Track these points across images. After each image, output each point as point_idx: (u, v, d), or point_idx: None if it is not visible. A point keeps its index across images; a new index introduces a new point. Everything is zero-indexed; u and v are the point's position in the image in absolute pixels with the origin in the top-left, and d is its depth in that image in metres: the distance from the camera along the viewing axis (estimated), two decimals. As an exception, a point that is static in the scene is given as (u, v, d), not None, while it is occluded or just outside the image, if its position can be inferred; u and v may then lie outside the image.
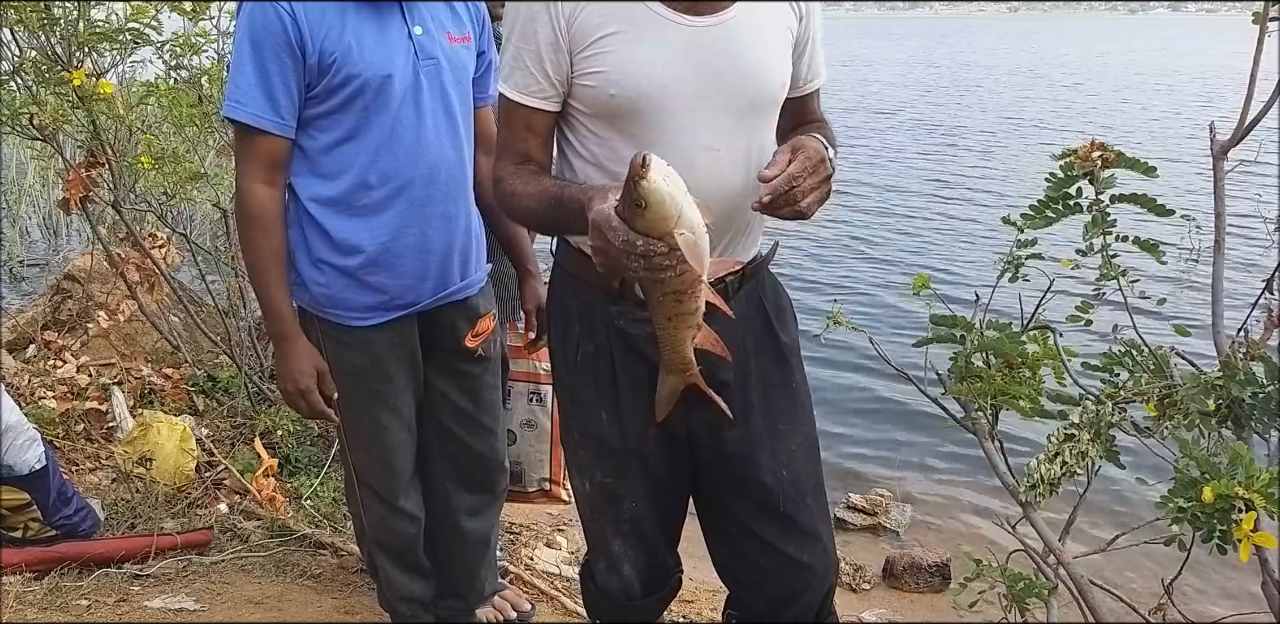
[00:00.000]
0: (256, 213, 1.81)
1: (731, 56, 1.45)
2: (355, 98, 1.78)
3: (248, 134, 1.79)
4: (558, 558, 2.94)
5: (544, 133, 1.52)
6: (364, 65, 1.77)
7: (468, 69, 1.92)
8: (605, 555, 1.72)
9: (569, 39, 1.43)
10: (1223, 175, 1.65)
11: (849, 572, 3.25)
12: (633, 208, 1.10)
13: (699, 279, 1.18)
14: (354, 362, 1.94)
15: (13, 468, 2.46)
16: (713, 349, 1.31)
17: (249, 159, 1.81)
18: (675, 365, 1.31)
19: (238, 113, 1.77)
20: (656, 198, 1.09)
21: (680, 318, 1.23)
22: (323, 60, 1.75)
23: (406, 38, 1.82)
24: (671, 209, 1.10)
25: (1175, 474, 1.35)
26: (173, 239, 3.60)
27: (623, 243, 1.15)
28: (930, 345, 1.84)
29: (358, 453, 2.07)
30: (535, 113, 1.49)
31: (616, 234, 1.16)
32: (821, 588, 1.67)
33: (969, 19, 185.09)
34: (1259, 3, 1.60)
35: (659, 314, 1.24)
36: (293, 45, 1.73)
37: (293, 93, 1.77)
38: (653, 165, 1.09)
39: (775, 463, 1.61)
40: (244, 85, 1.75)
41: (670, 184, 1.11)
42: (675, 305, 1.20)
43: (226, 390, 3.49)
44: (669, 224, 1.11)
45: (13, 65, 2.87)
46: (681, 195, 1.12)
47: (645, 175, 1.08)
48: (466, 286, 2.01)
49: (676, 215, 1.11)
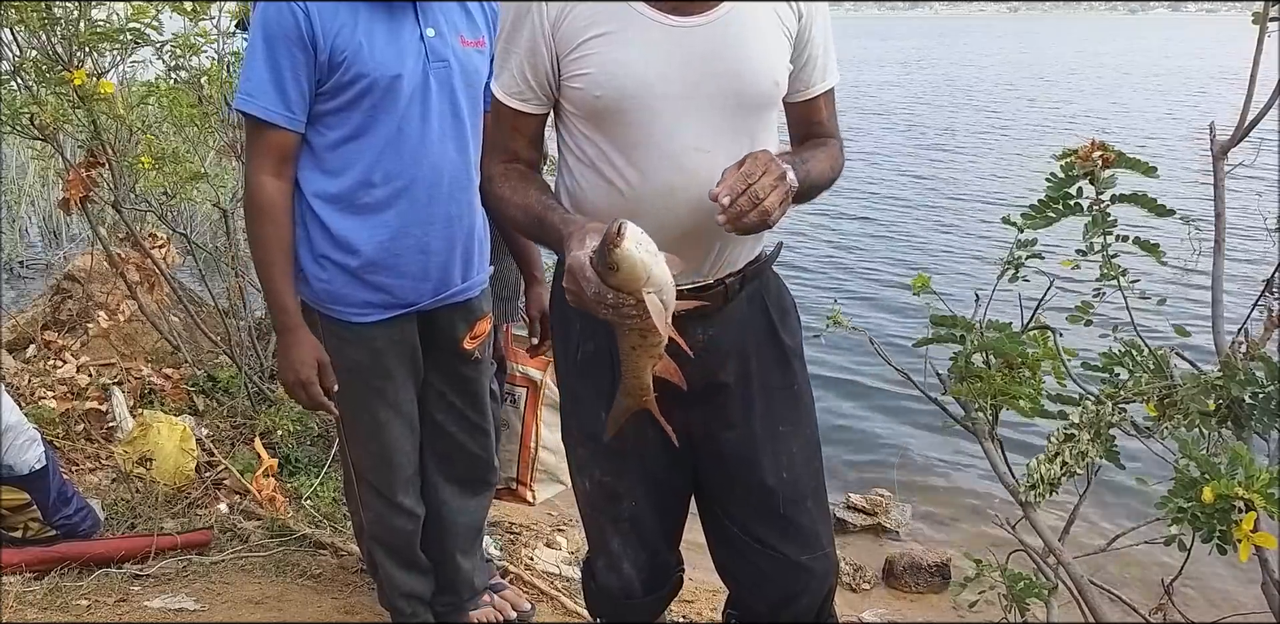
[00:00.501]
0: (265, 205, 1.83)
1: (719, 56, 1.44)
2: (363, 96, 1.79)
3: (258, 127, 1.81)
4: (558, 558, 2.94)
5: (530, 133, 1.54)
6: (373, 65, 1.78)
7: (480, 73, 1.92)
8: (605, 554, 1.73)
9: (554, 43, 1.44)
10: (1223, 175, 1.65)
11: (849, 572, 3.25)
12: (606, 269, 1.19)
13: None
14: (354, 357, 1.95)
15: (13, 468, 2.46)
16: (670, 378, 1.36)
17: (258, 152, 1.82)
18: (633, 390, 1.37)
19: (248, 106, 1.79)
20: (628, 264, 1.17)
21: (644, 349, 1.30)
22: (333, 57, 1.76)
23: (418, 39, 1.83)
24: (641, 273, 1.19)
25: (1175, 474, 1.35)
26: (173, 239, 3.60)
27: (594, 294, 1.21)
28: (930, 345, 1.84)
29: (356, 449, 2.08)
30: (519, 115, 1.51)
31: (590, 285, 1.21)
32: (821, 590, 1.67)
33: (969, 19, 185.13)
34: (1259, 3, 1.60)
35: (624, 343, 1.30)
36: (305, 41, 1.75)
37: (303, 88, 1.78)
38: (627, 234, 1.17)
39: (776, 464, 1.61)
40: (255, 79, 1.77)
41: (642, 250, 1.18)
42: (639, 339, 1.27)
43: (226, 390, 3.49)
44: (639, 285, 1.20)
45: (13, 65, 2.87)
46: (652, 259, 1.20)
47: (619, 243, 1.16)
48: (468, 288, 2.01)
49: (646, 277, 1.19)
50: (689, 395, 1.57)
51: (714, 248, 1.52)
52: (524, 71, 1.47)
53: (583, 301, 1.24)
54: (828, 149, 1.58)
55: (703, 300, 1.51)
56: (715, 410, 1.61)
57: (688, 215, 1.46)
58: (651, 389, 1.36)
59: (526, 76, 1.47)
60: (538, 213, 1.43)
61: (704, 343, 1.55)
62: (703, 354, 1.55)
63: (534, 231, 1.45)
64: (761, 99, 1.50)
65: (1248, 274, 4.37)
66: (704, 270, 1.53)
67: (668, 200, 1.45)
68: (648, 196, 1.46)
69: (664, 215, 1.46)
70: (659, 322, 1.21)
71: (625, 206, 1.46)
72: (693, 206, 1.46)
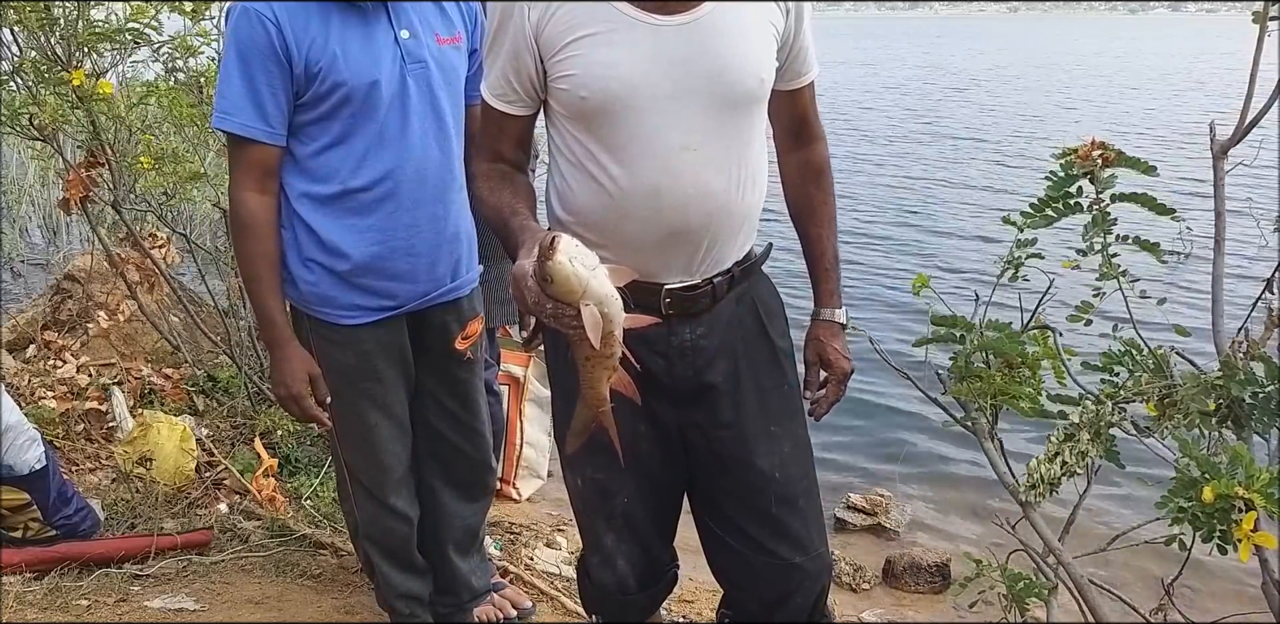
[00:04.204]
0: (248, 221, 1.83)
1: (704, 54, 1.44)
2: (343, 105, 1.80)
3: (238, 143, 1.81)
4: (558, 558, 2.94)
5: (516, 134, 1.55)
6: (350, 73, 1.78)
7: (458, 70, 1.92)
8: (599, 550, 1.73)
9: (539, 45, 1.44)
10: (1223, 175, 1.65)
11: (849, 572, 3.24)
12: (542, 280, 1.20)
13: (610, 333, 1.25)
14: (342, 360, 1.95)
15: (13, 468, 2.46)
16: (623, 392, 1.36)
17: (240, 168, 1.83)
18: (591, 400, 1.37)
19: (226, 123, 1.79)
20: (561, 276, 1.18)
21: (596, 360, 1.29)
22: (309, 69, 1.76)
23: (393, 42, 1.82)
24: (577, 285, 1.19)
25: (1175, 474, 1.35)
26: (173, 239, 3.60)
27: (534, 303, 1.22)
28: (930, 345, 1.84)
29: (348, 451, 2.09)
30: (505, 116, 1.52)
31: (530, 294, 1.22)
32: (814, 589, 1.68)
33: (969, 19, 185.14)
34: (1259, 3, 1.59)
35: (577, 353, 1.30)
36: (279, 55, 1.74)
37: (280, 101, 1.78)
38: (559, 247, 1.17)
39: (768, 464, 1.61)
40: (231, 96, 1.77)
41: (576, 264, 1.19)
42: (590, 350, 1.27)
43: (226, 390, 3.49)
44: (575, 297, 1.20)
45: (13, 65, 2.87)
46: (587, 273, 1.20)
47: (551, 256, 1.17)
48: (458, 287, 2.01)
49: (581, 291, 1.19)
50: (680, 395, 1.57)
51: (701, 247, 1.52)
52: (507, 74, 1.47)
53: (528, 308, 1.25)
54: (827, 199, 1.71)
55: (688, 301, 1.53)
56: (706, 411, 1.61)
57: (675, 214, 1.47)
58: (608, 400, 1.36)
59: (510, 79, 1.48)
60: (504, 217, 1.44)
61: (691, 343, 1.56)
62: (691, 354, 1.56)
63: (501, 234, 1.46)
64: (748, 97, 1.50)
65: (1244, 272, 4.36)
66: (691, 270, 1.54)
67: (655, 200, 1.46)
68: (635, 196, 1.46)
69: (651, 215, 1.46)
70: (593, 334, 1.21)
71: (613, 206, 1.47)
72: (680, 206, 1.46)
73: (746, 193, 1.53)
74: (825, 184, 1.71)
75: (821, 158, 1.70)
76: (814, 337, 1.72)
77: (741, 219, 1.55)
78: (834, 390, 1.71)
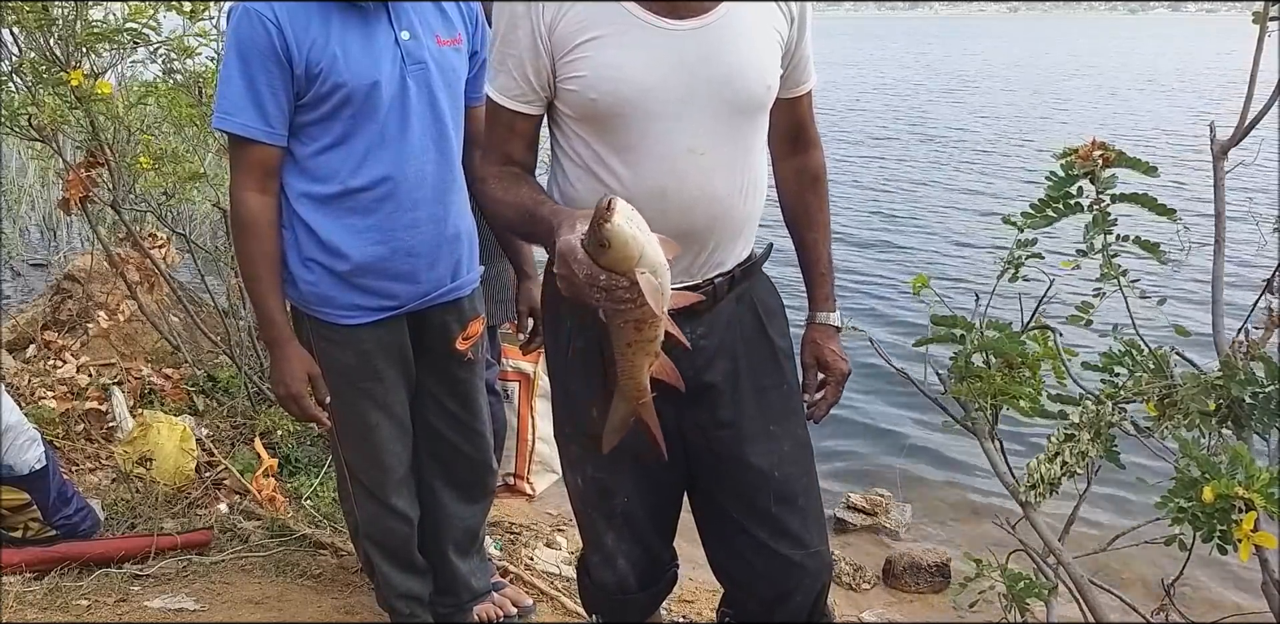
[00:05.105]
0: (248, 221, 1.84)
1: (715, 60, 1.45)
2: (343, 106, 1.80)
3: (238, 144, 1.81)
4: (558, 558, 2.94)
5: (527, 135, 1.54)
6: (350, 74, 1.78)
7: (458, 71, 1.93)
8: (599, 549, 1.73)
9: (550, 44, 1.44)
10: (1223, 175, 1.65)
11: (849, 572, 3.24)
12: (597, 247, 1.16)
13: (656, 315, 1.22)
14: (342, 359, 1.95)
15: (13, 468, 2.46)
16: (666, 378, 1.33)
17: (240, 168, 1.83)
18: (629, 392, 1.33)
19: (226, 124, 1.79)
20: (620, 240, 1.14)
21: (639, 345, 1.26)
22: (310, 70, 1.76)
23: (393, 44, 1.82)
24: (634, 250, 1.15)
25: (1175, 474, 1.35)
26: (172, 239, 3.60)
27: (586, 276, 1.19)
28: (930, 345, 1.84)
29: (349, 451, 2.09)
30: (518, 116, 1.51)
31: (581, 267, 1.19)
32: (814, 587, 1.68)
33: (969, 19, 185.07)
34: (1259, 3, 1.59)
35: (619, 340, 1.27)
36: (279, 56, 1.74)
37: (281, 102, 1.78)
38: (617, 208, 1.14)
39: (767, 463, 1.62)
40: (232, 96, 1.77)
41: (633, 226, 1.16)
42: (634, 333, 1.24)
43: (226, 390, 3.49)
44: (631, 263, 1.16)
45: (11, 66, 2.87)
46: (645, 236, 1.17)
47: (609, 218, 1.13)
48: (458, 287, 2.01)
49: (638, 255, 1.16)
50: (680, 395, 1.57)
51: (704, 250, 1.53)
52: (524, 72, 1.47)
53: (574, 286, 1.21)
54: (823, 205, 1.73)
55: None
56: (706, 410, 1.61)
57: (680, 217, 1.47)
58: (649, 390, 1.34)
59: (528, 77, 1.47)
60: (529, 208, 1.43)
61: (692, 343, 1.56)
62: (691, 354, 1.56)
63: (526, 228, 1.44)
64: (755, 103, 1.52)
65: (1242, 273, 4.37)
66: (692, 271, 1.54)
67: (660, 202, 1.46)
68: (640, 198, 1.46)
69: (656, 217, 1.45)
70: (653, 301, 1.16)
71: None
72: (685, 208, 1.47)
73: (749, 197, 1.54)
74: (821, 190, 1.73)
75: (818, 164, 1.73)
76: (810, 339, 1.74)
77: (743, 223, 1.56)
78: (832, 392, 1.73)
